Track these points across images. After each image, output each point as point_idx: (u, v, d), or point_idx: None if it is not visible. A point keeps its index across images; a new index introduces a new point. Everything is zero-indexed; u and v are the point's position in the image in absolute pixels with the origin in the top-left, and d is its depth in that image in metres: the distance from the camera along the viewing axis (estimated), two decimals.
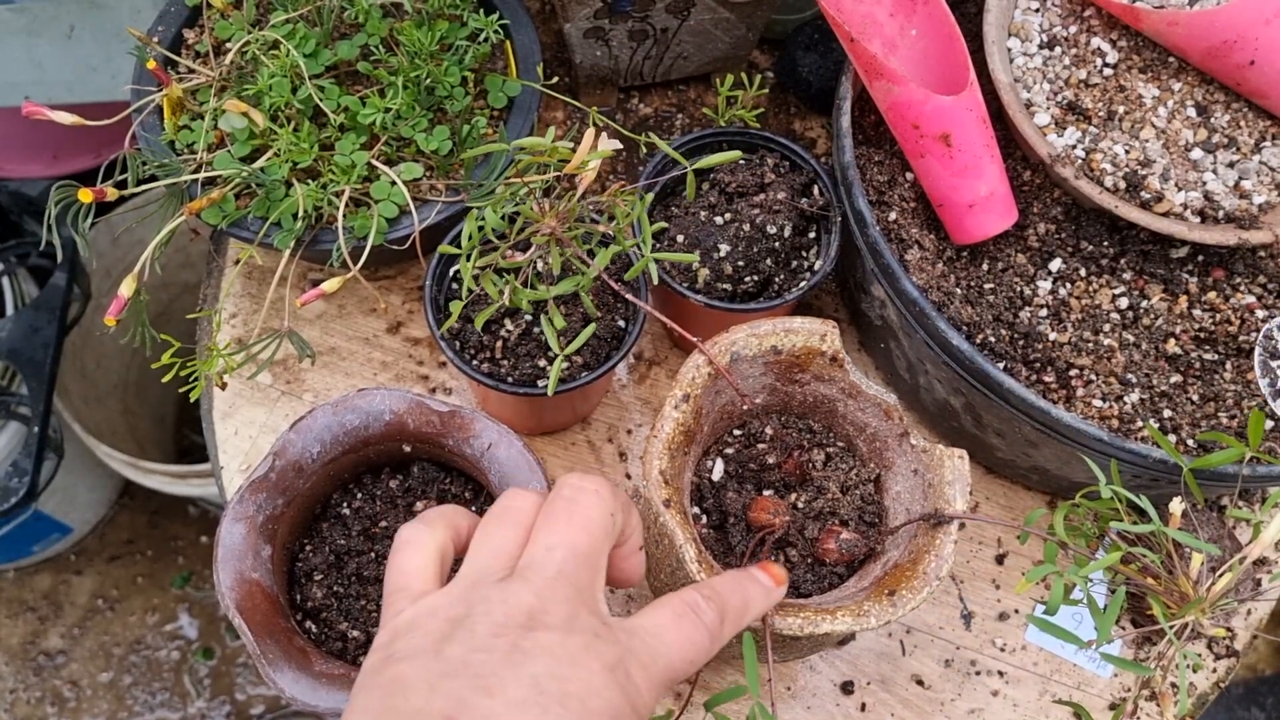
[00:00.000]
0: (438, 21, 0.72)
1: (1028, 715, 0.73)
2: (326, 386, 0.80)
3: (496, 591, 0.37)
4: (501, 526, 0.41)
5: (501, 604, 0.37)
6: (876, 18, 0.72)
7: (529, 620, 0.36)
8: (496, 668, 0.34)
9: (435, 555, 0.41)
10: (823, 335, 0.59)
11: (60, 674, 1.53)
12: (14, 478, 1.13)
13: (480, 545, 0.40)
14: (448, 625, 0.36)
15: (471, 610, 0.36)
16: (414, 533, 0.42)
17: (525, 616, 0.36)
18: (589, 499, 0.41)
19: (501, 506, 0.42)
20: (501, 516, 0.41)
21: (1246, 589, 0.71)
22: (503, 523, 0.41)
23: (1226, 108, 0.68)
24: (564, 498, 0.41)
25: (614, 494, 0.42)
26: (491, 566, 0.39)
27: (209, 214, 0.68)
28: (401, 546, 0.41)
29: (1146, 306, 0.70)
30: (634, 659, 0.37)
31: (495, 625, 0.36)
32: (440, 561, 0.41)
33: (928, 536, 0.55)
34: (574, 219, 0.57)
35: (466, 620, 0.36)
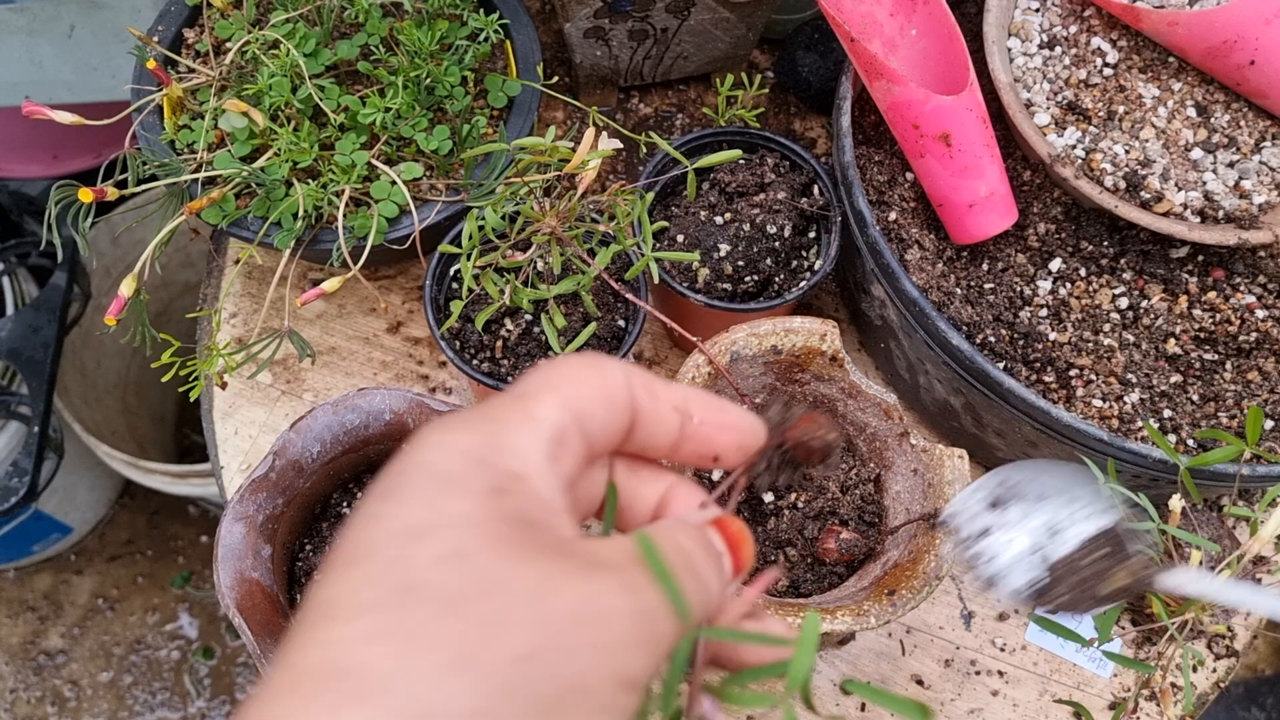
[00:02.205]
0: (438, 21, 0.72)
1: (1028, 715, 0.73)
2: (326, 386, 0.80)
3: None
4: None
5: None
6: (876, 17, 0.72)
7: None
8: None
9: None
10: (823, 335, 0.59)
11: (60, 674, 1.53)
12: (14, 477, 1.13)
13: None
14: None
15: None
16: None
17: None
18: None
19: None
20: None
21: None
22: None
23: (1226, 107, 0.68)
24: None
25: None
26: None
27: (209, 213, 0.68)
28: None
29: (1146, 306, 0.70)
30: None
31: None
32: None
33: (927, 536, 0.55)
34: (574, 218, 0.57)
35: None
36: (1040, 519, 0.46)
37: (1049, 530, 0.46)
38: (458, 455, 0.25)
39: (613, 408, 0.29)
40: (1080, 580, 0.44)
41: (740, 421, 0.32)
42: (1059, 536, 0.46)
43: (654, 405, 0.30)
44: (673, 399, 0.31)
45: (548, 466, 0.26)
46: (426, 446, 0.26)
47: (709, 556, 0.28)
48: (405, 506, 0.24)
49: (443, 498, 0.24)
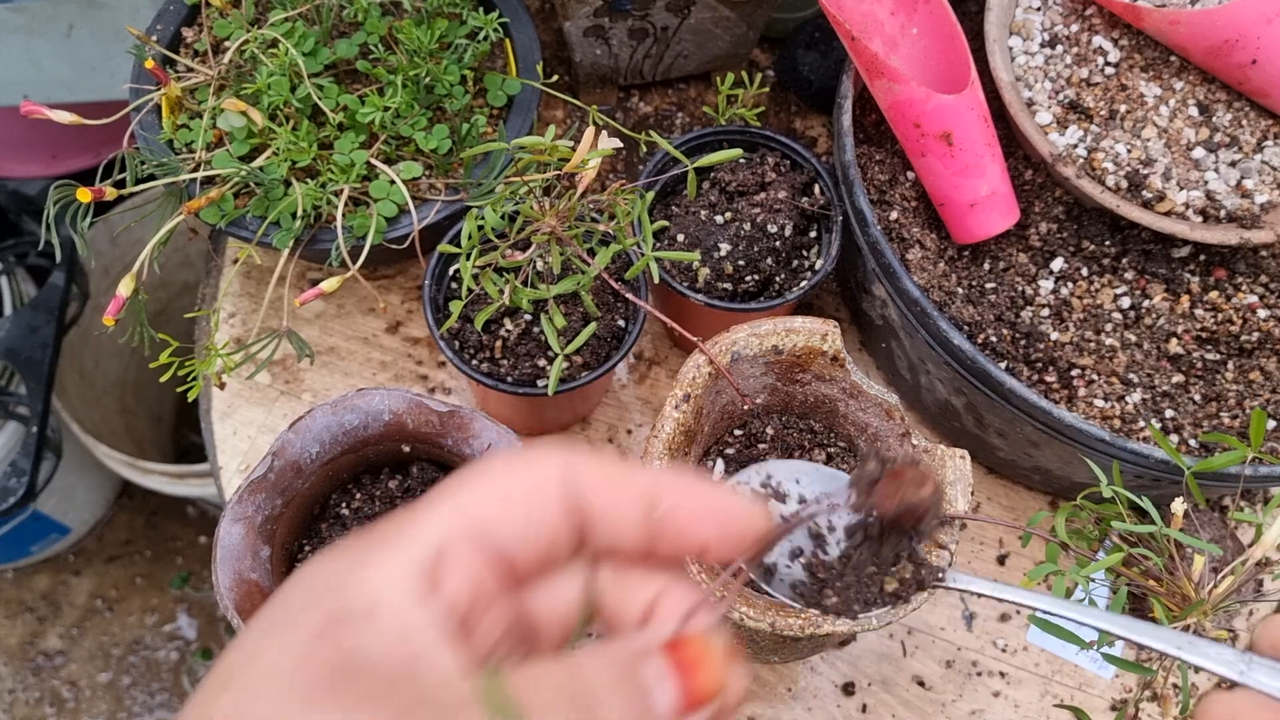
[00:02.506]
0: (437, 20, 0.72)
1: (1029, 716, 0.73)
2: (325, 386, 0.80)
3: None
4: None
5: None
6: (877, 16, 0.72)
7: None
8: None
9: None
10: (824, 335, 0.59)
11: (59, 674, 1.53)
12: (12, 478, 1.13)
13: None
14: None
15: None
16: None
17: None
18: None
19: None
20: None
21: (1249, 590, 0.71)
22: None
23: (1228, 107, 0.68)
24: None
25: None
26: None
27: (207, 213, 0.68)
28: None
29: (1148, 306, 0.70)
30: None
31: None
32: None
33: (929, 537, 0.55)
34: (574, 218, 0.56)
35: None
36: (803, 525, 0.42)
37: (812, 536, 0.42)
38: (309, 588, 0.24)
39: (536, 511, 0.26)
40: (848, 585, 0.40)
41: (725, 505, 0.28)
42: (825, 543, 0.42)
43: (611, 497, 0.26)
44: (636, 487, 0.27)
45: (412, 596, 0.23)
46: (303, 569, 0.25)
47: (622, 699, 0.23)
48: (236, 647, 0.23)
49: (265, 640, 0.23)
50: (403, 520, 0.25)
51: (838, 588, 0.40)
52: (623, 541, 0.27)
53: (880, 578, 0.41)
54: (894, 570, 0.41)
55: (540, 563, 0.26)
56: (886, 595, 0.41)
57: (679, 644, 0.25)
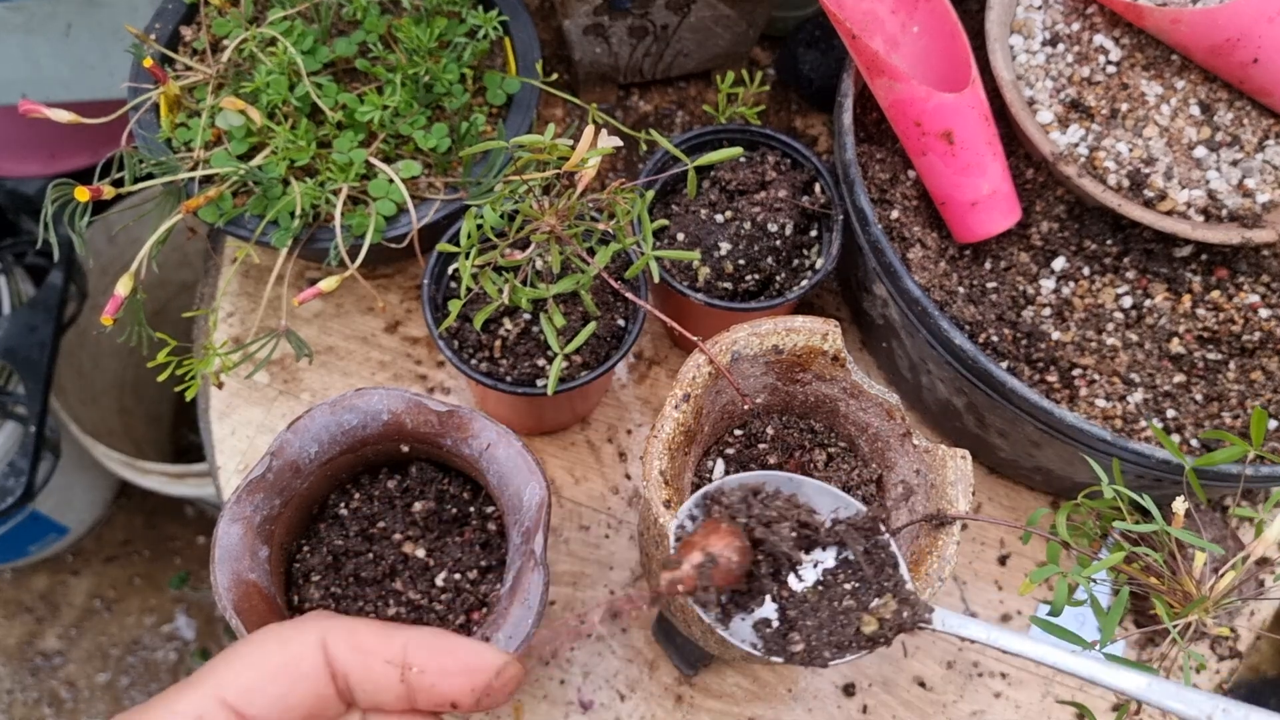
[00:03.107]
0: (436, 18, 0.71)
1: (1030, 717, 0.73)
2: (324, 386, 0.80)
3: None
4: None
5: None
6: (878, 14, 0.71)
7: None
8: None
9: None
10: (824, 334, 0.58)
11: (57, 675, 1.52)
12: (10, 478, 1.12)
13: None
14: None
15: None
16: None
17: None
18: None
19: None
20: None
21: (1249, 589, 0.71)
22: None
23: (1230, 106, 0.68)
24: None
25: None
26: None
27: (206, 212, 0.68)
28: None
29: (1150, 306, 0.70)
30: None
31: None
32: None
33: (930, 537, 0.54)
34: (574, 217, 0.56)
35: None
36: (766, 546, 0.38)
37: (780, 558, 0.38)
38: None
39: (294, 684, 0.29)
40: (819, 624, 0.36)
41: (469, 662, 0.30)
42: (795, 568, 0.37)
43: (364, 664, 0.30)
44: (387, 652, 0.30)
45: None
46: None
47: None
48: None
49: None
50: (164, 697, 0.28)
51: (806, 628, 0.37)
52: (384, 700, 0.30)
53: (857, 615, 0.36)
54: (875, 606, 0.37)
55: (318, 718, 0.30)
56: (862, 639, 0.36)
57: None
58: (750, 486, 0.39)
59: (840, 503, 0.40)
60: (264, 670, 0.29)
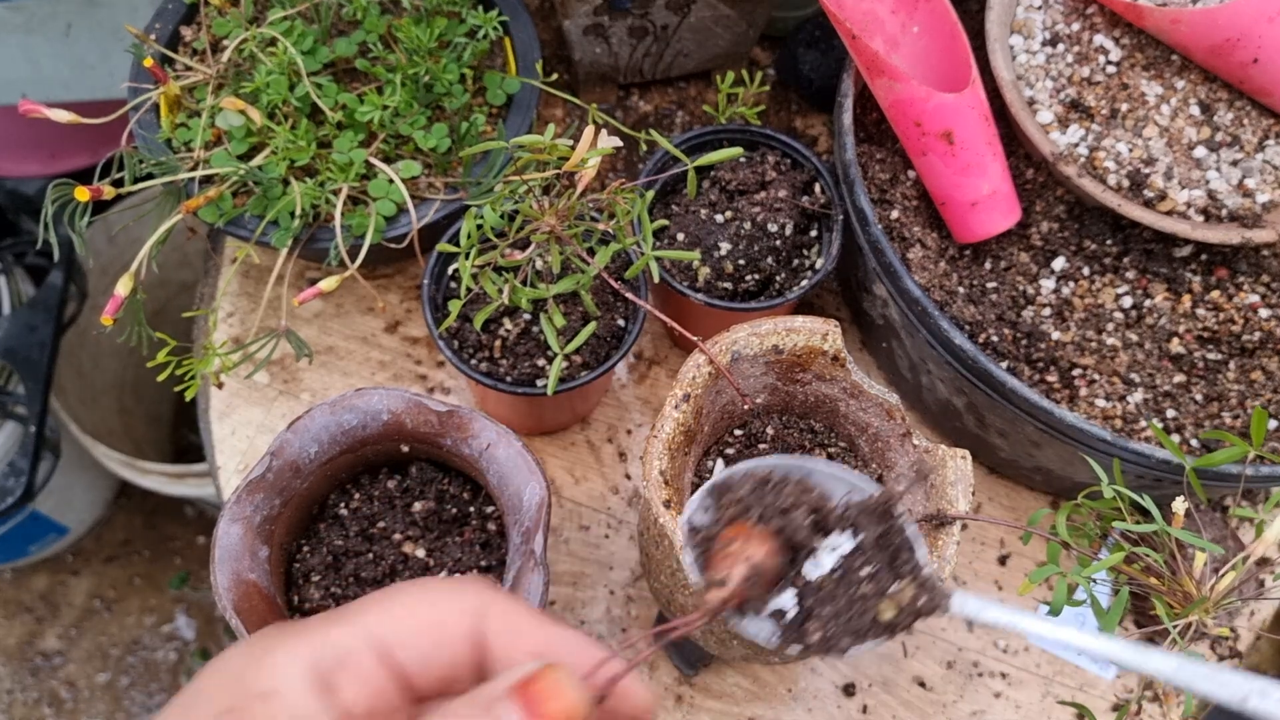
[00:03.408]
0: (436, 18, 0.71)
1: (1030, 717, 0.73)
2: (324, 386, 0.80)
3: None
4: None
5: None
6: (878, 15, 0.71)
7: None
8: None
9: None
10: (824, 334, 0.58)
11: (57, 675, 1.52)
12: (10, 478, 1.12)
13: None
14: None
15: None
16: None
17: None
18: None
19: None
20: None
21: (1250, 589, 0.71)
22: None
23: (1230, 106, 0.68)
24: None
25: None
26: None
27: (206, 212, 0.68)
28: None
29: (1150, 306, 0.70)
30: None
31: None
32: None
33: (930, 537, 0.54)
34: (574, 217, 0.56)
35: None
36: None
37: (793, 546, 0.37)
38: (221, 671, 0.27)
39: (441, 643, 0.29)
40: (836, 612, 0.36)
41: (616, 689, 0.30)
42: (811, 555, 0.37)
43: (509, 647, 0.29)
44: (534, 645, 0.29)
45: (308, 690, 0.27)
46: (216, 659, 0.28)
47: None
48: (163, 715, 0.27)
49: (180, 716, 0.27)
50: (317, 623, 0.28)
51: (823, 616, 0.36)
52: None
53: (875, 602, 0.36)
54: (893, 592, 0.36)
55: (441, 685, 0.29)
56: (880, 625, 0.36)
57: (529, 682, 0.27)
58: (759, 476, 0.39)
59: (852, 485, 0.40)
60: (416, 623, 0.29)
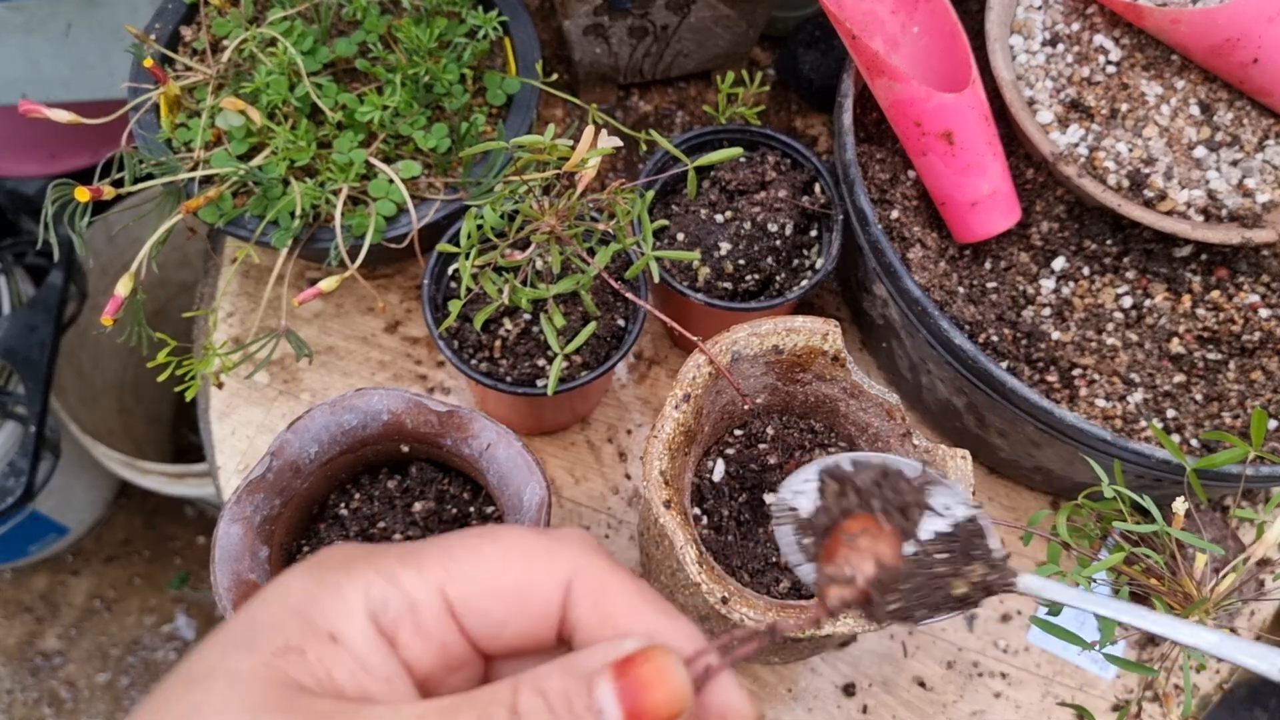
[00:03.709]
0: (436, 18, 0.71)
1: (1030, 717, 0.73)
2: (324, 386, 0.80)
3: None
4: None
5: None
6: (878, 15, 0.71)
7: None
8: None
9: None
10: (824, 334, 0.58)
11: (57, 675, 1.52)
12: (10, 478, 1.12)
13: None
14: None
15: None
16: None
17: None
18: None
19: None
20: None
21: (1250, 589, 0.71)
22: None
23: (1230, 106, 0.68)
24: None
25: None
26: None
27: (206, 212, 0.68)
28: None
29: (1150, 306, 0.70)
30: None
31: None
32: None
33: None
34: (574, 217, 0.56)
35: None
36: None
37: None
38: (282, 603, 0.25)
39: (524, 608, 0.25)
40: (913, 589, 0.37)
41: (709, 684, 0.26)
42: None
43: (597, 624, 0.26)
44: (625, 625, 0.25)
45: (372, 638, 0.24)
46: (274, 583, 0.26)
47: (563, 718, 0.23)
48: (212, 643, 0.25)
49: (234, 650, 0.24)
50: (391, 559, 0.25)
51: (903, 590, 0.37)
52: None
53: (948, 580, 0.37)
54: (966, 571, 0.37)
55: (516, 648, 0.26)
56: (953, 600, 0.37)
57: (630, 662, 0.23)
58: (879, 468, 0.39)
59: (916, 473, 0.41)
60: (497, 583, 0.25)
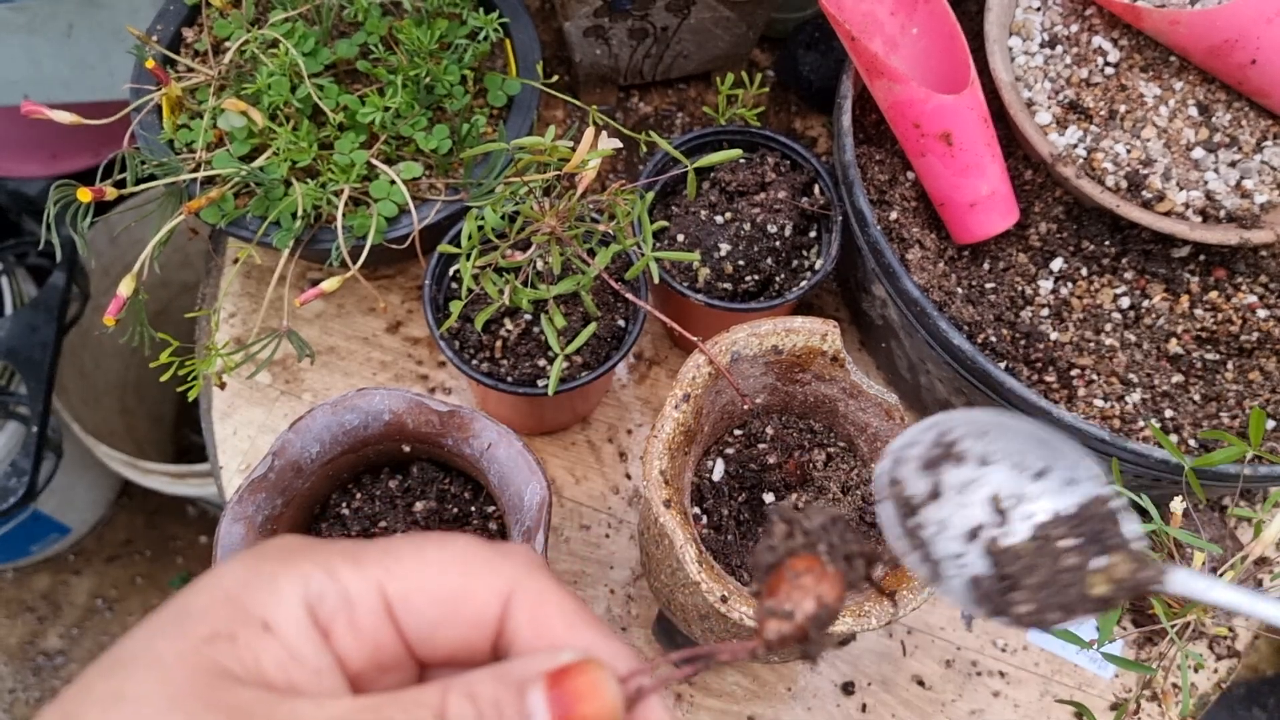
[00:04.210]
0: (437, 20, 0.72)
1: (1029, 716, 0.73)
2: (325, 386, 0.80)
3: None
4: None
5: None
6: (877, 16, 0.72)
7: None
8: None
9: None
10: (824, 335, 0.59)
11: (59, 674, 1.53)
12: (13, 477, 1.13)
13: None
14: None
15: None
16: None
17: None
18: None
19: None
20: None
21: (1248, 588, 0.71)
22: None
23: (1228, 107, 0.68)
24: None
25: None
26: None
27: (208, 213, 0.68)
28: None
29: (1148, 306, 0.70)
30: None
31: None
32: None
33: None
34: (574, 218, 0.56)
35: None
36: (983, 491, 0.35)
37: (993, 507, 0.35)
38: (215, 590, 0.25)
39: (460, 616, 0.26)
40: (1042, 583, 0.33)
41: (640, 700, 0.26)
42: (1008, 517, 0.35)
43: (534, 637, 0.26)
44: (565, 641, 0.26)
45: (306, 629, 0.24)
46: (212, 572, 0.25)
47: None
48: (131, 637, 0.24)
49: (160, 635, 0.24)
50: (332, 554, 0.25)
51: (1030, 587, 0.33)
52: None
53: (1082, 575, 0.33)
54: (1105, 565, 0.33)
55: (448, 654, 0.26)
56: (1091, 600, 0.33)
57: (564, 674, 0.24)
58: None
59: (1024, 430, 0.36)
60: (436, 586, 0.25)
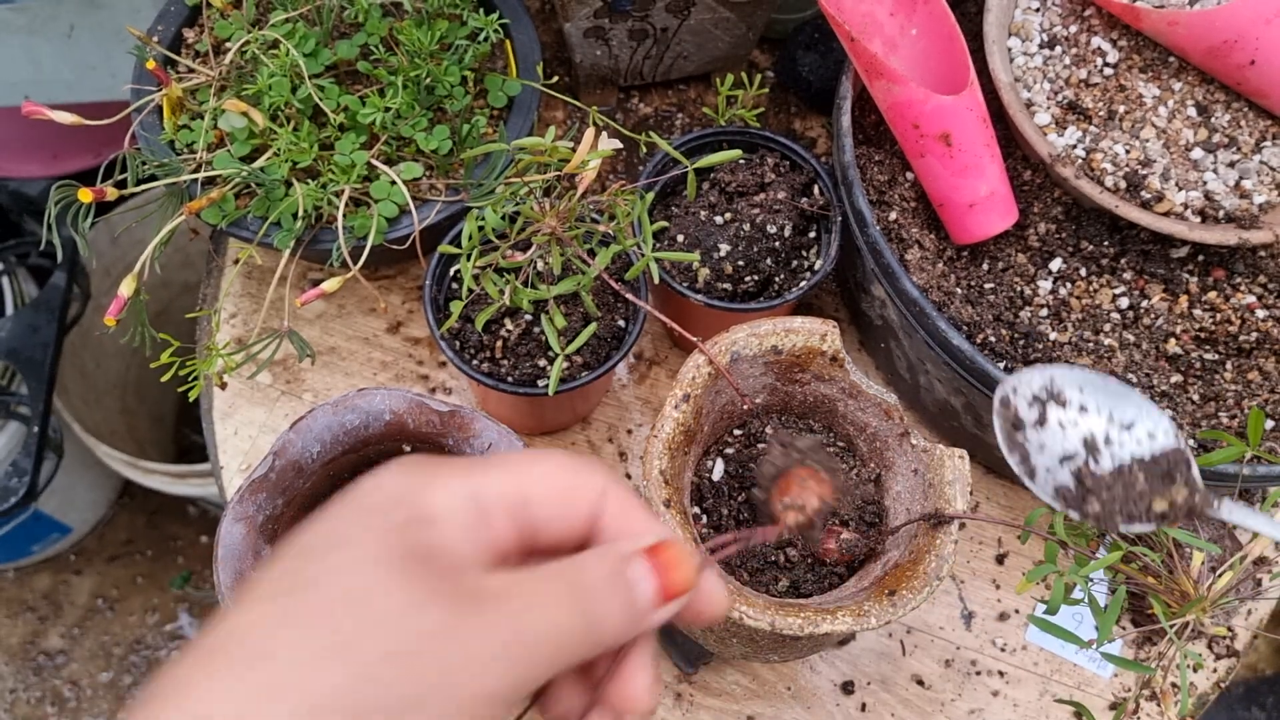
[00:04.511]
0: (437, 21, 0.72)
1: (1028, 715, 0.73)
2: (326, 386, 0.80)
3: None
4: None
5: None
6: (877, 17, 0.72)
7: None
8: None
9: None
10: (823, 335, 0.59)
11: (60, 674, 1.53)
12: (14, 477, 1.13)
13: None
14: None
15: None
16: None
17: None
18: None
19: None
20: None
21: (1247, 588, 0.71)
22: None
23: (1227, 107, 0.68)
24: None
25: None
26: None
27: (208, 213, 0.68)
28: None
29: (1147, 306, 0.70)
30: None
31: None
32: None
33: (928, 536, 0.55)
34: (574, 218, 0.57)
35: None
36: (1079, 430, 0.46)
37: (1086, 445, 0.45)
38: (386, 492, 0.29)
39: (568, 510, 0.31)
40: (1113, 498, 0.43)
41: (701, 586, 0.32)
42: (1097, 454, 0.45)
43: (620, 528, 0.32)
44: (644, 531, 0.32)
45: (467, 519, 0.29)
46: (369, 480, 0.30)
47: (612, 590, 0.30)
48: (328, 524, 0.29)
49: (359, 522, 0.28)
50: (466, 465, 0.31)
51: (1104, 498, 0.43)
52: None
53: (1150, 496, 0.42)
54: (1168, 490, 0.42)
55: (553, 546, 0.31)
56: (1153, 514, 0.41)
57: (657, 549, 0.31)
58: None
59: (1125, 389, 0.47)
60: (552, 486, 0.31)
